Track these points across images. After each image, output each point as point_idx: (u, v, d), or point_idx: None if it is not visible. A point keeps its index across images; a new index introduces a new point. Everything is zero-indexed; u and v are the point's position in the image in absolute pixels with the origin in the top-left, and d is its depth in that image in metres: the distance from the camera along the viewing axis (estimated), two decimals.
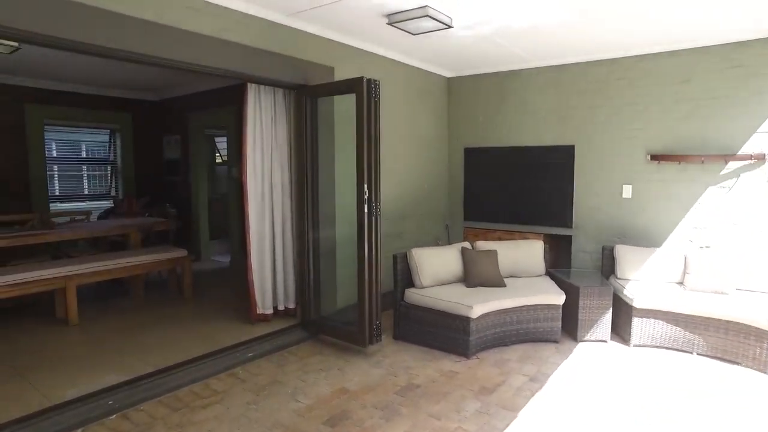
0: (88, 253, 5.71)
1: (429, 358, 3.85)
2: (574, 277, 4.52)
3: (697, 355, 3.83)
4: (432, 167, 5.85)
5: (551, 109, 5.29)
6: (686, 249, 4.36)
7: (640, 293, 4.01)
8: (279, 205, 4.35)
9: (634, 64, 4.74)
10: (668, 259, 4.33)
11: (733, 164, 4.29)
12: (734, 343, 3.65)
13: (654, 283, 4.26)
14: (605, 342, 4.14)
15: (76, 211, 6.95)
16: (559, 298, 4.12)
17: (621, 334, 4.22)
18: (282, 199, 4.36)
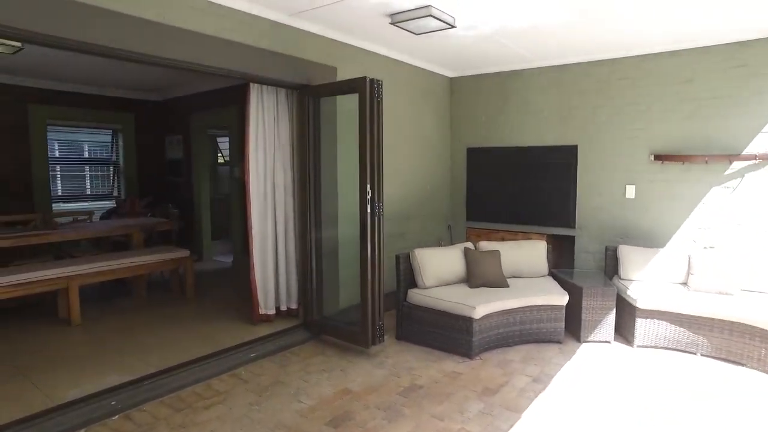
0: (90, 253, 5.71)
1: (432, 358, 3.84)
2: (577, 278, 4.51)
3: (702, 356, 3.81)
4: (434, 167, 5.84)
5: (554, 109, 5.28)
6: (690, 249, 4.34)
7: (644, 294, 3.99)
8: (281, 205, 4.34)
9: (636, 63, 4.73)
10: (672, 259, 4.31)
11: (738, 164, 4.28)
12: (739, 344, 3.63)
13: (658, 284, 4.24)
14: (609, 343, 4.13)
15: (79, 212, 6.95)
16: (563, 299, 4.11)
17: (624, 335, 4.21)
18: (284, 199, 4.36)
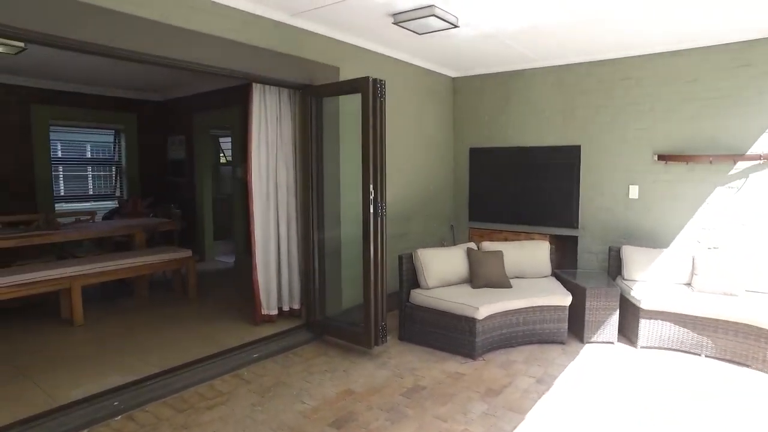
0: (93, 253, 5.71)
1: (435, 359, 3.83)
2: (580, 278, 4.49)
3: (706, 357, 3.79)
4: (437, 167, 5.83)
5: (557, 109, 5.26)
6: (694, 250, 4.32)
7: (648, 294, 3.98)
8: (284, 205, 4.33)
9: (639, 63, 4.71)
10: (676, 260, 4.29)
11: (742, 164, 4.25)
12: (744, 346, 3.61)
13: (661, 285, 4.22)
14: (612, 343, 4.11)
15: (81, 212, 6.96)
16: (566, 299, 4.09)
17: (628, 336, 4.19)
18: (287, 199, 4.35)
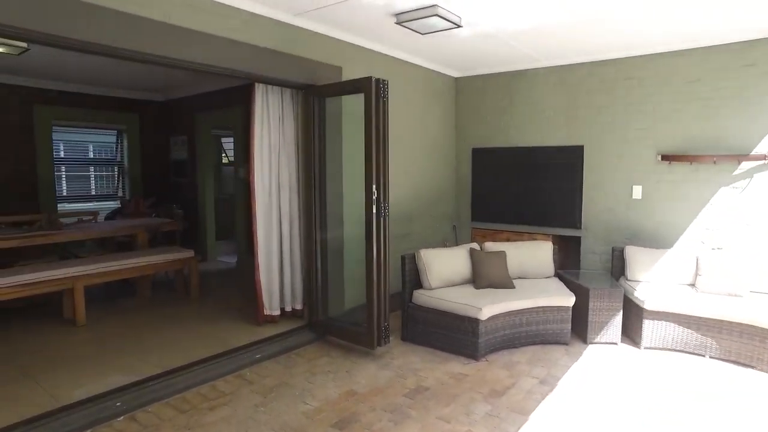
0: (95, 253, 5.72)
1: (437, 360, 3.82)
2: (583, 279, 4.47)
3: (710, 358, 3.77)
4: (439, 168, 5.82)
5: (559, 109, 5.25)
6: (698, 250, 4.30)
7: (651, 295, 3.96)
8: (286, 206, 4.33)
9: (643, 63, 4.69)
10: (679, 260, 4.27)
11: (746, 164, 4.23)
12: (748, 347, 3.59)
13: (665, 285, 4.20)
14: (616, 344, 4.09)
15: (84, 212, 6.97)
16: (569, 300, 4.08)
17: (632, 337, 4.17)
18: (289, 199, 4.34)
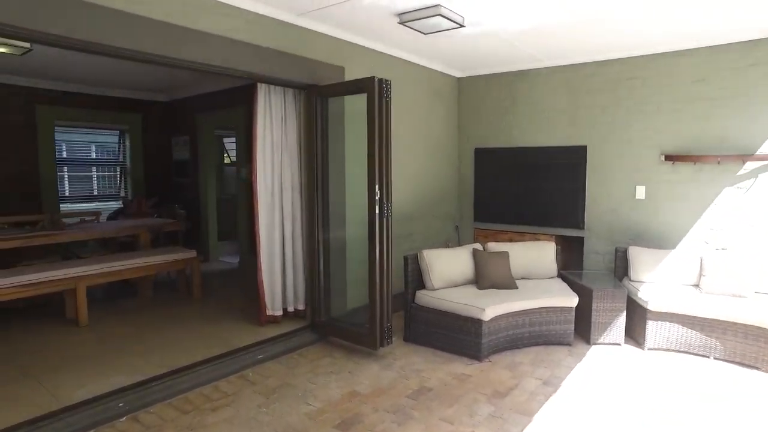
0: (97, 253, 5.72)
1: (440, 360, 3.80)
2: (586, 279, 4.46)
3: (714, 359, 3.75)
4: (442, 168, 5.81)
5: (563, 109, 5.23)
6: (702, 251, 4.27)
7: (655, 296, 3.94)
8: (289, 206, 4.32)
9: (645, 63, 4.67)
10: (683, 261, 4.25)
11: (751, 164, 4.21)
12: (753, 348, 3.57)
13: (669, 286, 4.18)
14: (619, 345, 4.08)
15: (86, 212, 6.97)
16: (572, 301, 4.07)
17: (635, 338, 4.16)
18: (292, 200, 4.34)
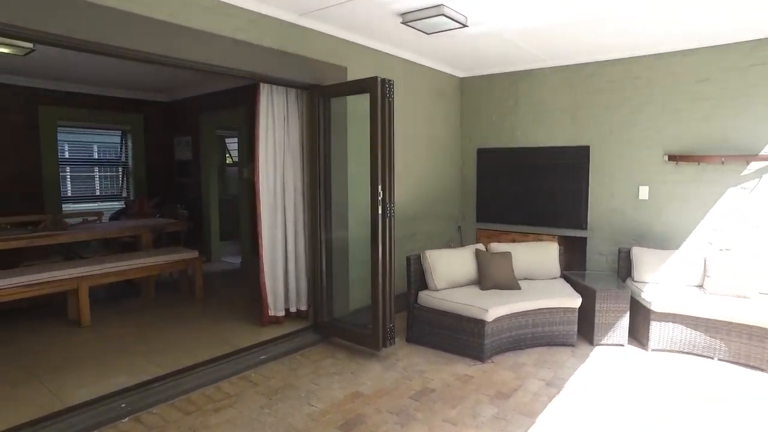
0: (100, 254, 5.71)
1: (443, 361, 3.79)
2: (589, 280, 4.44)
3: (719, 360, 3.73)
4: (444, 168, 5.79)
5: (565, 109, 5.21)
6: (706, 251, 4.26)
7: (659, 296, 3.93)
8: (291, 206, 4.31)
9: (649, 63, 4.65)
10: (687, 261, 4.23)
11: (755, 165, 4.19)
12: (758, 349, 3.55)
13: (672, 287, 4.17)
14: (622, 346, 4.06)
15: (88, 212, 6.97)
16: (575, 301, 4.05)
17: (639, 338, 4.14)
18: (294, 200, 4.33)
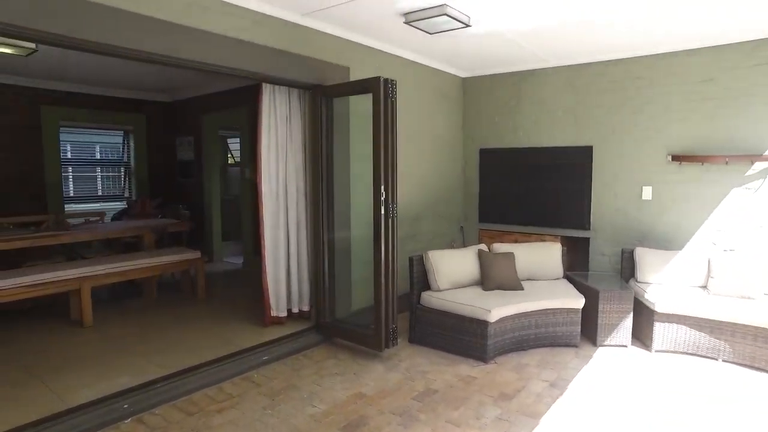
0: (102, 254, 5.71)
1: (446, 362, 3.78)
2: (592, 281, 4.43)
3: (723, 361, 3.72)
4: (447, 168, 5.78)
5: (568, 109, 5.20)
6: (709, 252, 4.24)
7: (662, 297, 3.91)
8: (293, 206, 4.31)
9: (652, 63, 4.64)
10: (691, 262, 4.21)
11: (760, 165, 4.17)
12: (762, 350, 3.53)
13: (676, 287, 4.15)
14: (626, 347, 4.04)
15: (91, 212, 6.97)
16: (579, 302, 4.04)
17: (642, 339, 4.12)
18: (297, 200, 4.32)
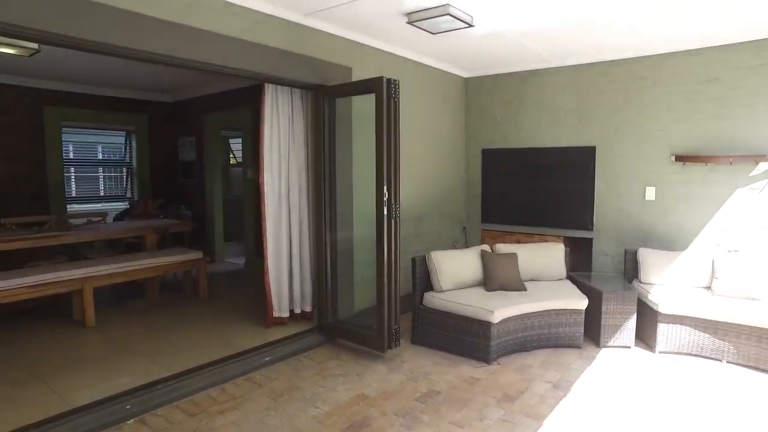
0: (104, 254, 5.72)
1: (449, 363, 3.77)
2: (595, 281, 4.41)
3: (727, 363, 3.70)
4: (449, 168, 5.77)
5: (571, 109, 5.18)
6: (713, 253, 4.22)
7: (666, 298, 3.89)
8: (296, 207, 4.30)
9: (656, 63, 4.62)
10: (694, 263, 4.20)
11: (764, 165, 4.15)
12: (767, 352, 3.51)
13: (680, 288, 4.13)
14: (629, 348, 4.03)
15: (93, 213, 6.97)
16: (582, 303, 4.02)
17: (646, 341, 4.10)
18: (299, 201, 4.32)
